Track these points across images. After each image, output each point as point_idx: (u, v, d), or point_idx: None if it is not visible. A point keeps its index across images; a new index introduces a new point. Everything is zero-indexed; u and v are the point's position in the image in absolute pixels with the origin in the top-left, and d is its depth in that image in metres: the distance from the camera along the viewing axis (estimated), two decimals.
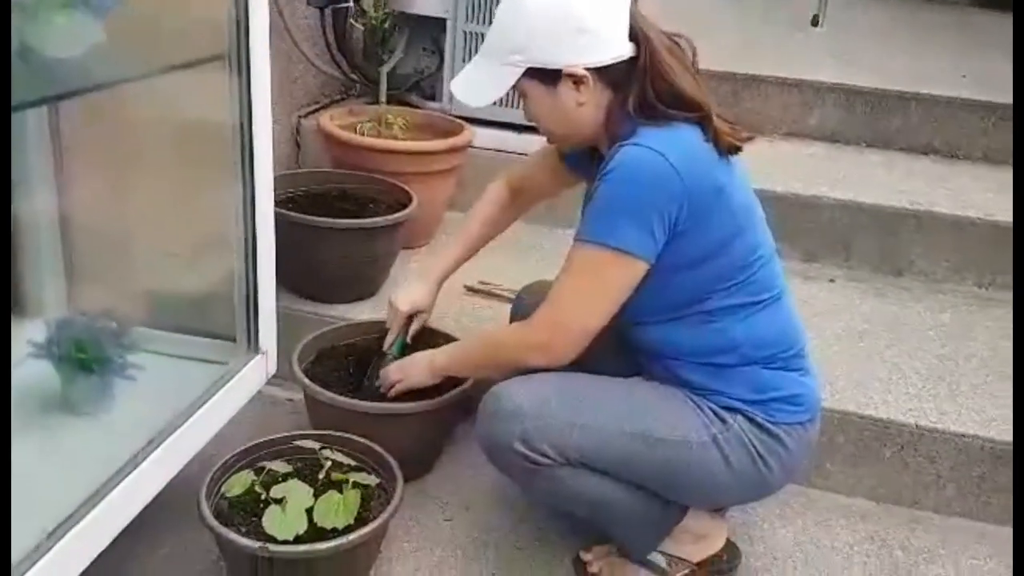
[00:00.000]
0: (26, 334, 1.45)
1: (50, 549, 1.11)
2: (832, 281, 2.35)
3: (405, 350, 1.71)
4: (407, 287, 1.74)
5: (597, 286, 1.34)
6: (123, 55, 1.21)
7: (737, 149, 1.37)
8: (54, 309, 1.62)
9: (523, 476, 1.39)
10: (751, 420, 1.38)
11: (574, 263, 1.35)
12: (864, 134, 2.83)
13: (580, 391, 1.40)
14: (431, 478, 1.76)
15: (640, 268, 1.31)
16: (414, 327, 1.73)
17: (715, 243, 1.33)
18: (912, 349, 2.02)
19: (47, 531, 1.12)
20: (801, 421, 1.41)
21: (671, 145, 1.29)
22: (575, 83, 1.34)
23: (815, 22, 3.91)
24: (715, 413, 1.38)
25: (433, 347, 1.69)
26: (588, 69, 1.32)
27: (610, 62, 1.33)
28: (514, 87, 1.38)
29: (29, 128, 1.54)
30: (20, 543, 1.08)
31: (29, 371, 1.45)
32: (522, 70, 1.35)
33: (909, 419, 1.75)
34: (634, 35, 1.33)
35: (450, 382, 1.64)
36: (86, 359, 1.40)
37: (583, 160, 1.51)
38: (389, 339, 1.72)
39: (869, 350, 2.00)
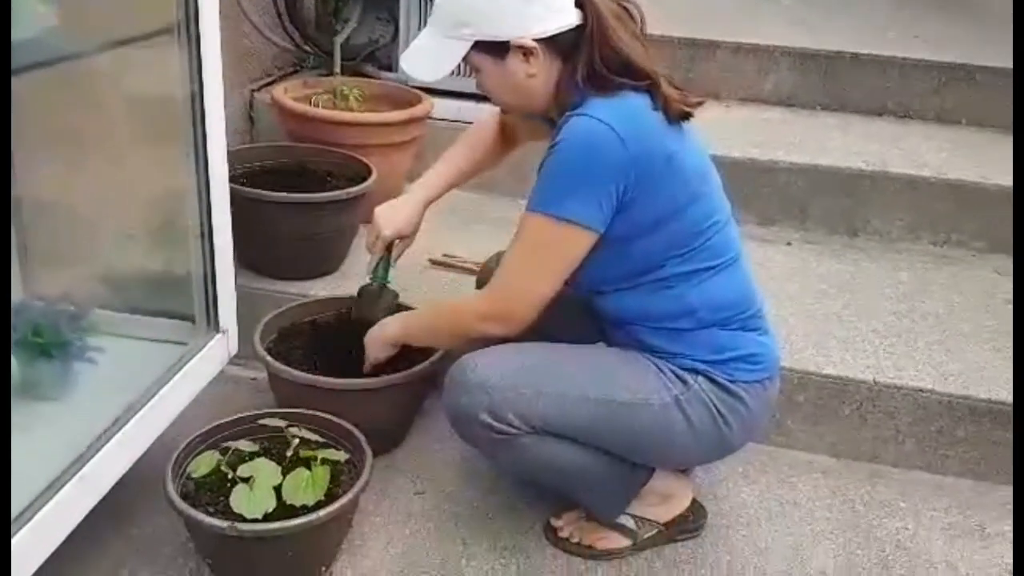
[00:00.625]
0: None
1: (15, 534, 1.09)
2: (789, 244, 2.38)
3: (388, 275, 1.69)
4: (391, 208, 1.66)
5: (545, 256, 1.35)
6: (69, 31, 1.18)
7: (687, 115, 1.37)
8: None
9: (489, 446, 1.40)
10: (711, 380, 1.40)
11: (523, 233, 1.36)
12: (819, 97, 2.85)
13: (543, 360, 1.41)
14: (400, 452, 1.77)
15: (588, 238, 1.32)
16: (396, 253, 1.69)
17: (667, 210, 1.34)
18: (869, 308, 2.06)
19: (12, 516, 1.10)
20: (760, 379, 1.44)
21: (618, 114, 1.29)
22: (524, 55, 1.33)
23: None
24: (676, 375, 1.40)
25: None
26: (536, 40, 1.32)
27: (556, 31, 1.32)
28: (464, 60, 1.37)
29: None
30: None
31: None
32: (470, 43, 1.34)
33: (867, 376, 1.79)
34: (580, 2, 1.33)
35: (421, 355, 1.64)
36: (44, 344, 1.38)
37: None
38: (371, 264, 1.69)
39: (826, 310, 2.04)
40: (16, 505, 1.12)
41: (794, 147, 2.47)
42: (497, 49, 1.34)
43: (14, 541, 1.09)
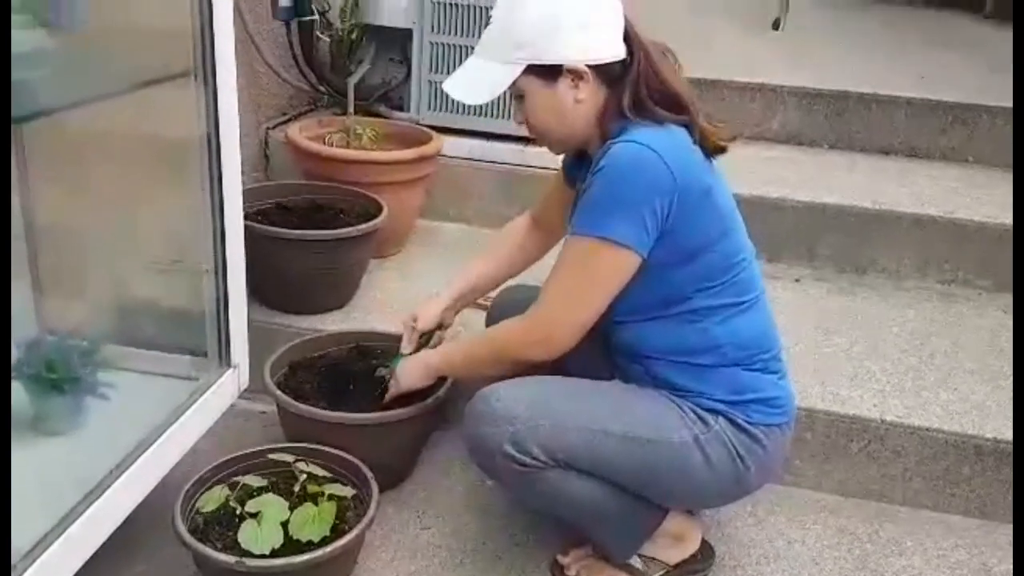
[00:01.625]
0: None
1: (25, 570, 1.10)
2: (798, 280, 2.39)
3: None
4: (426, 307, 1.70)
5: (591, 279, 1.36)
6: (89, 74, 1.21)
7: (722, 150, 1.40)
8: (23, 327, 1.61)
9: (511, 478, 1.39)
10: (731, 421, 1.40)
11: (568, 255, 1.37)
12: (826, 136, 2.88)
13: (567, 393, 1.41)
14: (407, 486, 1.77)
15: (633, 260, 1.33)
16: (435, 341, 1.72)
17: (701, 242, 1.36)
18: (877, 345, 2.06)
19: (21, 552, 1.12)
20: (778, 423, 1.44)
21: (663, 142, 1.32)
22: (575, 80, 1.36)
23: (776, 26, 3.97)
24: (696, 414, 1.40)
25: None
26: (588, 66, 1.35)
27: (609, 60, 1.36)
28: (511, 87, 1.39)
29: None
30: None
31: None
32: (523, 67, 1.36)
33: (875, 414, 1.79)
34: (627, 38, 1.38)
35: (425, 389, 1.65)
36: (57, 379, 1.40)
37: (579, 170, 1.52)
38: (406, 348, 1.70)
39: (835, 347, 2.04)
40: (26, 541, 1.13)
41: (801, 185, 2.49)
42: (549, 73, 1.36)
43: None
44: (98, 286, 1.66)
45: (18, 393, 1.42)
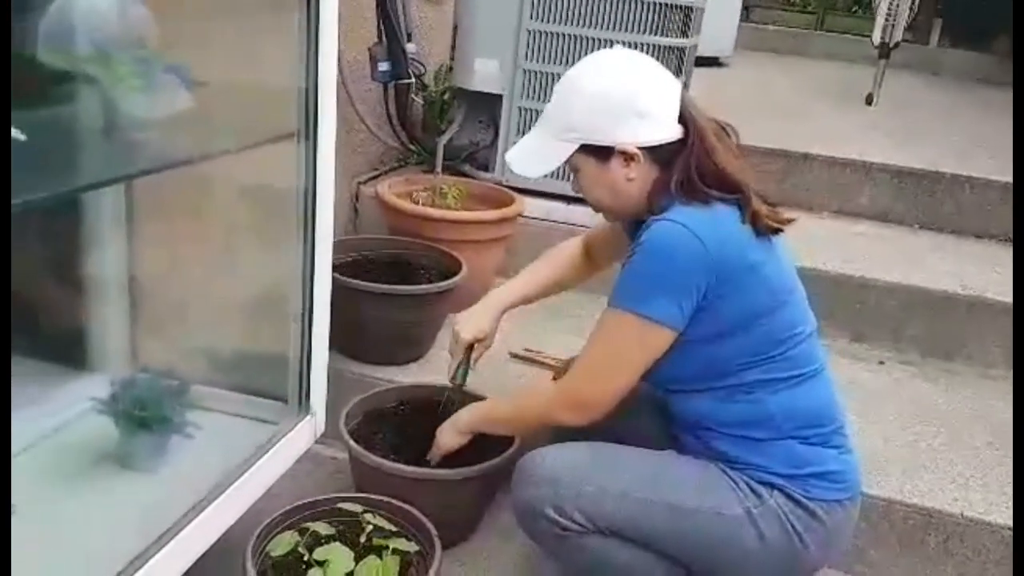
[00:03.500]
0: (90, 390, 1.52)
1: None
2: (882, 363, 2.33)
3: (467, 377, 1.75)
4: (469, 314, 1.74)
5: (624, 350, 1.39)
6: (198, 135, 1.29)
7: (776, 231, 1.41)
8: (118, 365, 1.69)
9: (552, 542, 1.41)
10: (788, 496, 1.38)
11: (603, 328, 1.41)
12: (916, 215, 2.83)
13: (614, 460, 1.42)
14: (469, 546, 1.78)
15: (666, 336, 1.35)
16: (475, 356, 1.75)
17: (746, 317, 1.36)
18: (961, 436, 1.99)
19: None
20: (840, 499, 1.41)
21: (698, 220, 1.34)
22: (626, 160, 1.40)
23: (869, 100, 3.94)
24: (750, 487, 1.38)
25: None
26: (640, 148, 1.39)
27: (659, 143, 1.39)
28: (567, 161, 1.44)
29: (104, 199, 1.63)
30: None
31: (90, 425, 1.52)
32: (576, 146, 1.42)
33: (955, 509, 1.72)
34: (683, 118, 1.41)
35: (492, 447, 1.67)
36: (146, 417, 1.45)
37: (636, 231, 1.54)
38: (452, 367, 1.75)
39: (917, 435, 1.98)
40: (105, 572, 1.17)
41: (888, 264, 2.44)
42: (601, 153, 1.41)
43: None
44: (191, 329, 1.73)
45: (108, 428, 1.49)
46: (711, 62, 4.35)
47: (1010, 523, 1.69)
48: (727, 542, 1.37)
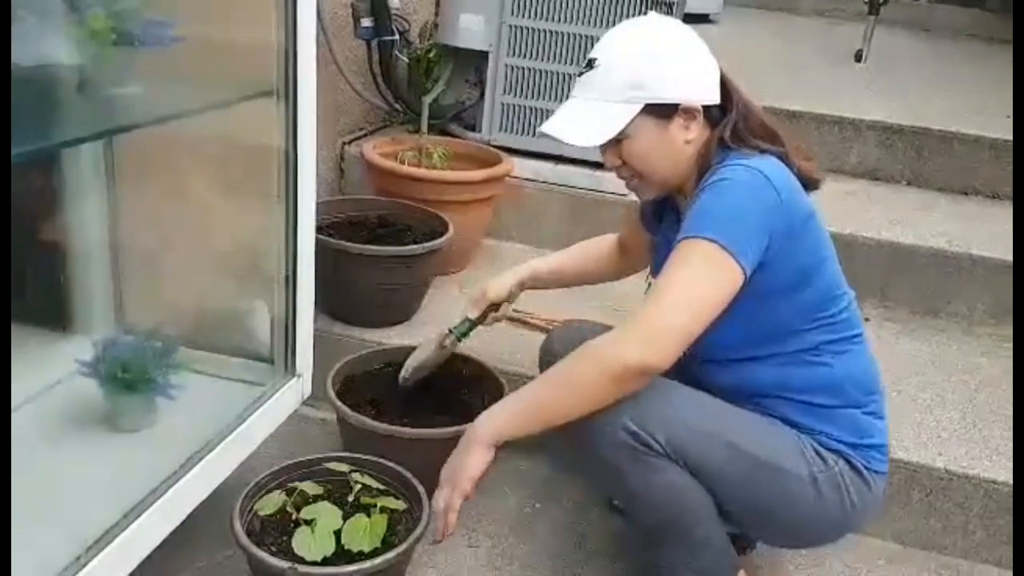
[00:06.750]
0: (74, 352, 1.51)
1: (90, 561, 1.15)
2: (867, 320, 2.33)
3: (467, 336, 1.76)
4: (498, 278, 1.75)
5: (704, 284, 1.26)
6: (178, 91, 1.26)
7: (816, 184, 1.41)
8: (101, 328, 1.68)
9: (627, 461, 1.30)
10: (851, 465, 1.37)
11: (676, 258, 1.28)
12: (904, 172, 2.82)
13: (690, 393, 1.38)
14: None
15: (736, 277, 1.26)
16: (490, 319, 1.75)
17: (804, 270, 1.35)
18: (945, 392, 2.01)
19: (87, 543, 1.17)
20: (886, 471, 1.42)
21: (769, 166, 1.32)
22: (687, 119, 1.37)
23: (859, 57, 3.91)
24: (817, 452, 1.37)
25: (479, 382, 1.71)
26: (703, 105, 1.38)
27: (715, 101, 1.39)
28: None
29: (84, 157, 1.61)
30: (62, 554, 1.13)
31: (75, 388, 1.52)
32: (640, 106, 1.35)
33: (939, 463, 1.74)
34: (722, 82, 1.41)
35: (478, 405, 1.65)
36: (131, 379, 1.45)
37: (658, 218, 1.58)
38: (460, 325, 1.75)
39: (902, 391, 1.99)
40: (91, 533, 1.18)
41: (876, 222, 2.44)
42: (664, 112, 1.36)
43: (91, 565, 1.14)
44: (175, 290, 1.72)
45: (92, 389, 1.48)
46: (701, 19, 4.30)
47: (992, 477, 1.71)
48: (783, 496, 1.34)
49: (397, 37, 2.55)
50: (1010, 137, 2.69)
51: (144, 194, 1.67)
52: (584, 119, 1.38)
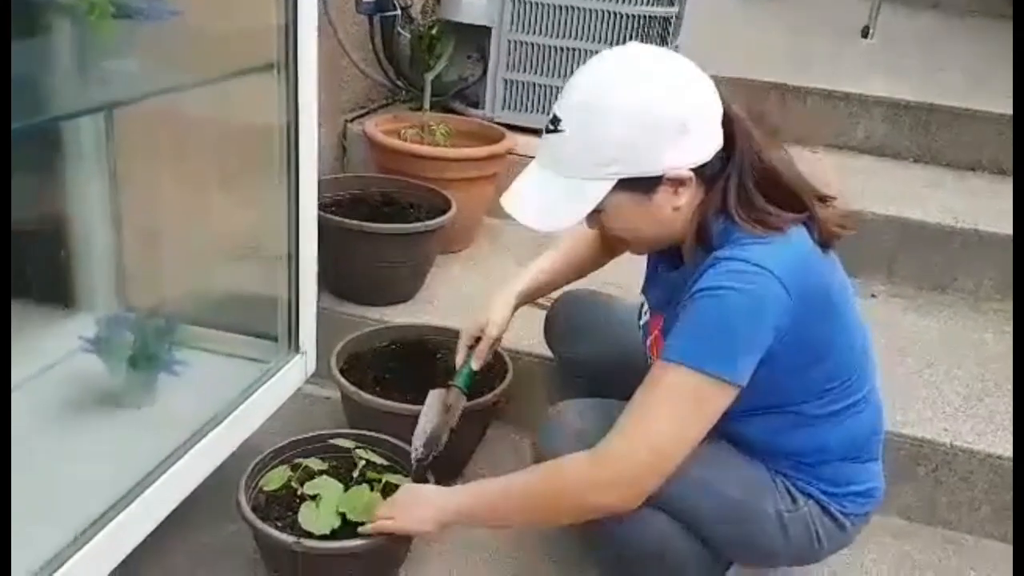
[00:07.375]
0: (77, 329, 1.51)
1: (95, 535, 1.16)
2: (874, 296, 2.33)
3: (470, 380, 1.56)
4: (495, 309, 1.54)
5: (693, 412, 1.15)
6: (177, 65, 1.25)
7: (836, 237, 1.23)
8: (105, 305, 1.68)
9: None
10: (823, 508, 1.31)
11: (664, 385, 1.15)
12: (911, 148, 2.80)
13: None
14: (461, 480, 1.79)
15: (732, 393, 1.15)
16: (480, 349, 1.53)
17: (817, 353, 1.22)
18: (951, 368, 2.00)
19: (92, 518, 1.17)
20: (867, 512, 1.37)
21: (776, 256, 1.13)
22: (675, 187, 1.16)
23: (865, 33, 3.87)
24: (788, 491, 1.30)
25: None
26: (691, 169, 1.16)
27: (710, 157, 1.17)
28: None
29: (84, 132, 1.60)
30: (66, 530, 1.14)
31: (79, 364, 1.52)
32: (613, 182, 1.15)
33: (945, 439, 1.73)
34: (725, 117, 1.18)
35: (487, 373, 1.64)
36: (134, 356, 1.45)
37: (663, 257, 1.41)
38: (459, 360, 1.57)
39: (908, 367, 1.98)
40: (96, 508, 1.19)
41: (882, 197, 2.42)
42: (644, 184, 1.16)
43: (91, 544, 1.15)
44: (178, 268, 1.72)
45: (96, 366, 1.48)
46: None
47: (997, 451, 1.71)
48: (746, 529, 1.29)
49: (399, 12, 2.53)
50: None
51: (146, 170, 1.67)
52: (550, 196, 1.18)
